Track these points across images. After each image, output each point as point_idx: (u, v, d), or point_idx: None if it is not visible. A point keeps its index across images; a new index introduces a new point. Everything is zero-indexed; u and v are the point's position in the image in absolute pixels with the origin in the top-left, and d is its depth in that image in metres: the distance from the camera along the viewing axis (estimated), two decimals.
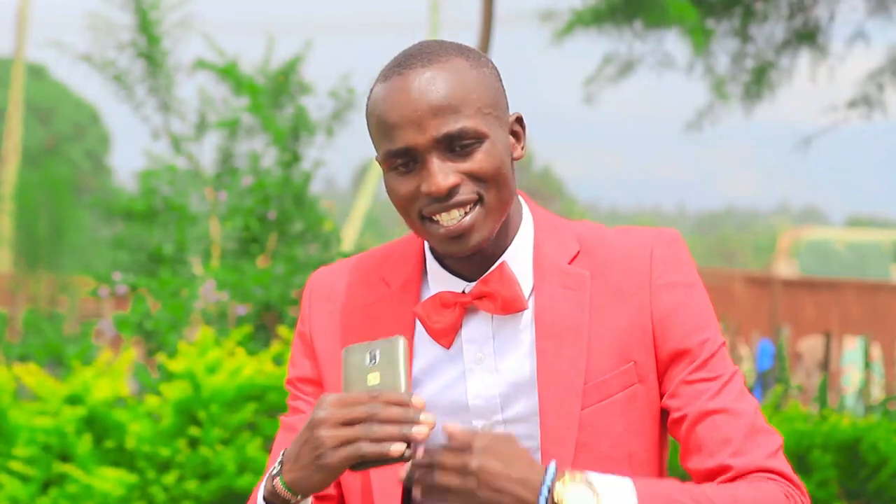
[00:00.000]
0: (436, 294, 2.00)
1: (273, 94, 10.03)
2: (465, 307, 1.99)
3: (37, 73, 42.94)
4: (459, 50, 1.96)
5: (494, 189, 1.92)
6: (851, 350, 13.92)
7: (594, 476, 1.79)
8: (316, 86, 10.21)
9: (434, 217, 1.92)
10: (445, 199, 1.90)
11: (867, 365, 9.16)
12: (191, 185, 10.03)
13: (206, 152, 10.13)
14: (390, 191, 1.95)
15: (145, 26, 9.91)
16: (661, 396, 1.97)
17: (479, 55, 1.98)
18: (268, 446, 6.49)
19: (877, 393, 11.98)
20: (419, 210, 1.93)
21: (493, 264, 2.00)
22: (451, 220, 1.91)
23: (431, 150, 1.90)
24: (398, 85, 1.92)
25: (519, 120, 2.01)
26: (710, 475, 1.90)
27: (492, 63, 2.00)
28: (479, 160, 1.91)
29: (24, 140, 30.30)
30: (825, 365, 10.25)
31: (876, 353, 13.64)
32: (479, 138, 1.91)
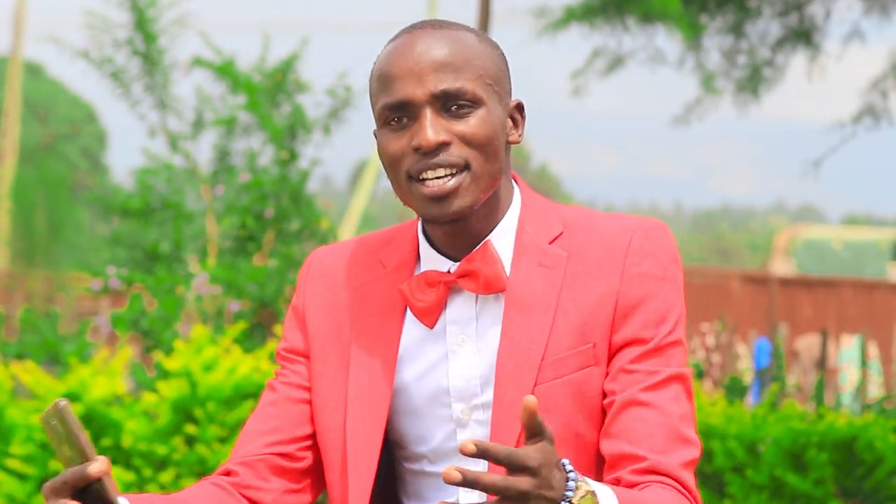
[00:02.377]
0: (421, 273, 1.99)
1: (270, 93, 10.01)
2: (450, 286, 1.98)
3: (34, 71, 42.93)
4: (470, 28, 2.00)
5: (483, 157, 1.92)
6: (848, 348, 13.92)
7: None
8: (313, 84, 10.21)
9: (420, 177, 1.91)
10: (432, 155, 1.90)
11: (864, 363, 9.16)
12: (187, 183, 10.02)
13: (203, 150, 10.13)
14: (381, 149, 1.95)
15: (142, 24, 9.90)
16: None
17: (489, 39, 2.00)
18: None
19: (874, 391, 11.99)
20: (407, 170, 1.93)
21: (479, 244, 1.99)
22: (435, 178, 1.90)
23: (426, 106, 1.91)
24: (405, 41, 1.95)
25: (519, 107, 2.02)
26: (619, 460, 1.89)
27: (501, 49, 2.02)
28: (472, 124, 1.92)
29: (22, 138, 30.27)
30: (822, 363, 10.25)
31: (873, 351, 13.63)
32: (476, 102, 1.92)
